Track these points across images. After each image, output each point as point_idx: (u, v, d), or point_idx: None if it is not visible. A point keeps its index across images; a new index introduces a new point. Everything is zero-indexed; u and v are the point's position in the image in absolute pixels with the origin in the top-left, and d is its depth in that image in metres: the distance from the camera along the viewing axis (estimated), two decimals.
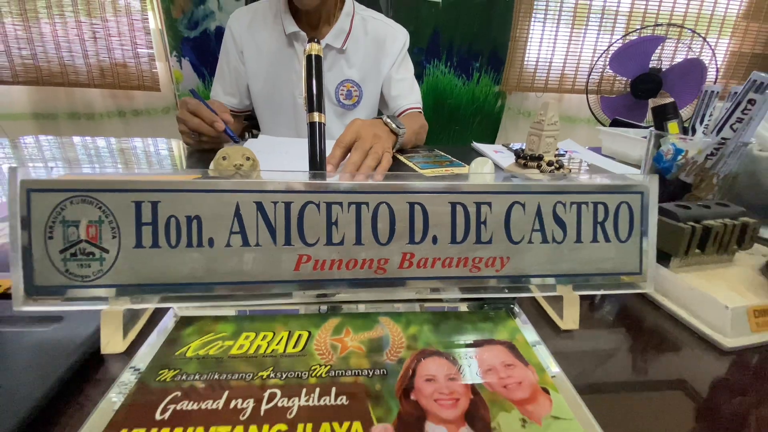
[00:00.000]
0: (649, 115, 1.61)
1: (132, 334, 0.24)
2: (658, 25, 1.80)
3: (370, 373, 0.21)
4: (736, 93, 0.34)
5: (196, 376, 0.20)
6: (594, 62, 1.81)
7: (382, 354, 0.22)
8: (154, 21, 1.87)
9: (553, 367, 0.22)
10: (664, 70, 1.64)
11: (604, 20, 1.94)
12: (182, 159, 0.69)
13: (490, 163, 0.46)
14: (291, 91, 0.92)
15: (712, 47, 1.70)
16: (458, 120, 2.16)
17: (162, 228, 0.22)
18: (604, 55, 1.70)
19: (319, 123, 0.37)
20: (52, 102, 2.04)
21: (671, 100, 0.54)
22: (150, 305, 0.23)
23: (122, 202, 0.21)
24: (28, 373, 0.20)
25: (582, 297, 0.26)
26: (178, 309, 0.25)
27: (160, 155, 0.72)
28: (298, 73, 0.89)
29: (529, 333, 0.24)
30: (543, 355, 0.23)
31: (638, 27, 1.86)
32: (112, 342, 0.22)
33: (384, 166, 0.55)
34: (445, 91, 2.09)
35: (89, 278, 0.22)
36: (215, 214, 0.22)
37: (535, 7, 1.90)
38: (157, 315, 0.25)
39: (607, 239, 0.25)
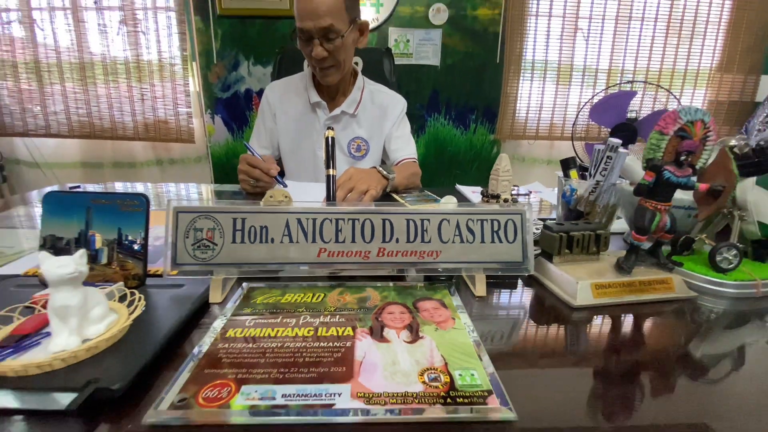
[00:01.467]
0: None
1: (225, 292, 0.41)
2: (630, 81, 2.03)
3: (358, 309, 0.38)
4: (612, 148, 0.52)
5: (263, 310, 0.37)
6: (576, 114, 2.03)
7: (366, 304, 0.39)
8: (194, 84, 2.18)
9: (461, 310, 0.38)
10: (639, 119, 1.84)
11: (585, 76, 2.19)
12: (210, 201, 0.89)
13: (454, 201, 0.64)
14: (312, 147, 1.14)
15: (678, 100, 1.91)
16: (458, 165, 2.37)
17: (246, 232, 0.40)
18: (585, 107, 1.92)
19: (333, 175, 0.57)
20: (100, 152, 2.33)
21: (572, 156, 0.72)
22: (236, 276, 0.41)
23: (226, 218, 0.40)
24: (170, 311, 0.37)
25: (497, 277, 0.43)
26: (246, 284, 0.43)
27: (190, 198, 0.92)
28: (318, 133, 1.11)
29: (454, 297, 0.41)
30: (458, 304, 0.39)
31: (615, 83, 2.09)
32: (215, 296, 0.40)
33: (366, 199, 0.75)
34: (445, 140, 2.32)
35: (206, 260, 0.40)
36: (274, 225, 0.40)
37: (522, 67, 2.16)
38: (240, 282, 0.43)
39: (500, 241, 0.42)
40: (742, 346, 0.37)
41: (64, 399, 0.24)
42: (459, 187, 1.01)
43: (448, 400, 0.26)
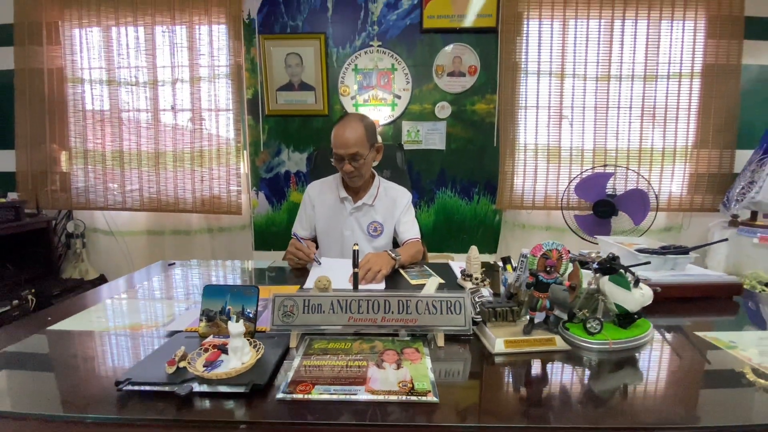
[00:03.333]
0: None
1: (297, 341, 0.74)
2: (604, 165, 2.36)
3: (370, 352, 0.70)
4: (524, 256, 0.84)
5: (319, 351, 0.70)
6: (564, 192, 2.36)
7: (374, 350, 0.71)
8: (244, 167, 2.66)
9: (427, 354, 0.69)
10: (617, 196, 2.15)
11: (573, 155, 2.53)
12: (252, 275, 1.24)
13: (437, 282, 0.96)
14: (341, 228, 1.50)
15: (648, 180, 2.22)
16: (465, 230, 2.70)
17: (309, 307, 0.74)
18: (571, 184, 2.25)
19: (357, 272, 0.91)
20: (163, 222, 2.80)
21: (508, 255, 1.04)
22: (304, 332, 0.74)
23: (300, 299, 0.74)
24: (273, 350, 0.69)
25: (451, 334, 0.74)
26: (308, 337, 0.75)
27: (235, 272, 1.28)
28: (346, 218, 1.49)
29: (425, 347, 0.72)
30: (425, 351, 0.70)
31: (593, 167, 2.43)
32: (293, 343, 0.73)
33: (378, 278, 1.08)
34: (453, 209, 2.68)
35: (288, 323, 0.73)
36: (324, 303, 0.74)
37: (516, 149, 2.54)
38: (305, 336, 0.76)
39: (452, 313, 0.74)
40: (598, 379, 0.66)
41: (241, 388, 0.57)
42: (451, 263, 1.33)
43: (410, 393, 0.57)
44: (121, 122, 2.67)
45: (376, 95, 2.55)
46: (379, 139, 1.44)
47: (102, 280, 2.79)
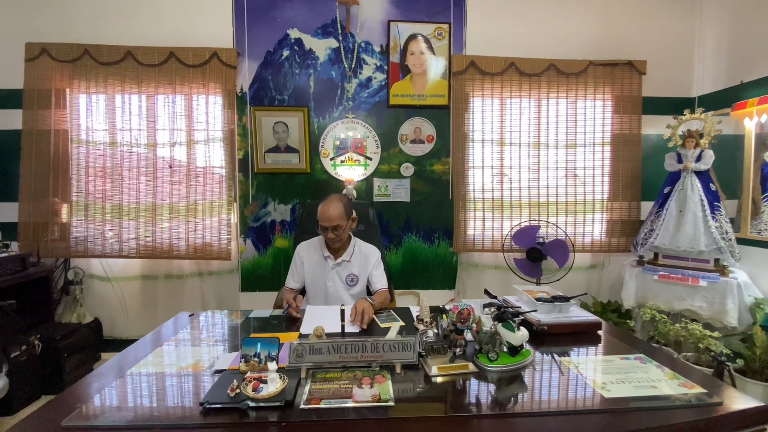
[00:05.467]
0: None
1: (306, 373, 1.14)
2: (532, 221, 2.91)
3: (353, 378, 1.10)
4: (446, 311, 1.28)
5: (321, 379, 1.10)
6: (504, 239, 2.87)
7: (357, 376, 1.12)
8: (234, 217, 3.02)
9: (390, 378, 1.11)
10: (545, 244, 2.68)
11: (513, 208, 3.07)
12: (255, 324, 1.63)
13: (398, 326, 1.38)
14: (324, 280, 1.91)
15: (565, 231, 2.77)
16: (428, 270, 3.16)
17: (313, 351, 1.14)
18: (509, 234, 2.77)
19: (344, 325, 1.33)
20: (156, 268, 3.08)
21: (444, 306, 1.48)
22: (311, 367, 1.13)
23: (307, 345, 1.14)
24: (292, 380, 1.08)
25: (405, 364, 1.16)
26: (312, 370, 1.15)
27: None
28: (328, 272, 1.90)
29: (389, 374, 1.14)
30: (389, 376, 1.12)
31: (530, 220, 2.98)
32: (303, 375, 1.13)
33: (365, 319, 1.49)
34: (417, 252, 3.13)
35: (300, 361, 1.13)
36: (323, 348, 1.14)
37: (467, 202, 3.06)
38: (309, 370, 1.15)
39: (405, 350, 1.16)
40: (498, 388, 1.10)
41: (278, 402, 0.96)
42: (412, 308, 1.76)
43: (378, 401, 0.99)
44: (121, 179, 2.99)
45: (351, 157, 3.02)
46: (354, 213, 1.88)
47: (97, 323, 3.01)
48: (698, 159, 2.72)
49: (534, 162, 3.08)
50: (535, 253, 2.65)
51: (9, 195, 2.95)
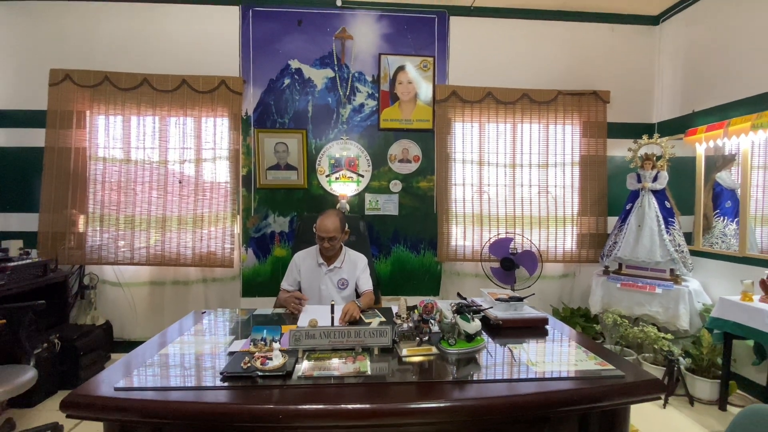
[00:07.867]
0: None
1: (302, 353, 1.42)
2: (507, 233, 3.22)
3: (340, 359, 1.39)
4: (416, 307, 1.57)
5: (314, 358, 1.38)
6: (482, 249, 3.18)
7: (343, 356, 1.40)
8: (237, 228, 3.31)
9: (368, 357, 1.40)
10: (517, 254, 2.98)
11: (491, 221, 3.39)
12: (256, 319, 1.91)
13: (378, 321, 1.67)
14: (318, 285, 2.20)
15: (532, 242, 3.08)
16: (414, 278, 3.45)
17: (308, 336, 1.42)
18: (486, 245, 3.07)
19: (334, 317, 1.62)
20: (164, 274, 3.35)
21: (414, 305, 1.78)
22: (307, 348, 1.42)
23: (303, 332, 1.43)
24: (291, 357, 1.36)
25: (382, 347, 1.45)
26: (308, 352, 1.44)
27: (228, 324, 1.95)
28: (322, 278, 2.19)
29: (369, 355, 1.42)
30: (367, 356, 1.41)
31: (507, 232, 3.29)
32: (300, 354, 1.41)
33: (354, 316, 1.79)
34: (405, 261, 3.43)
35: (298, 345, 1.41)
36: (316, 333, 1.43)
37: (450, 216, 3.37)
38: (305, 351, 1.44)
39: (381, 336, 1.45)
40: (457, 368, 1.39)
41: (281, 372, 1.25)
42: (393, 306, 2.05)
43: (358, 372, 1.27)
44: (134, 192, 3.28)
45: (345, 174, 3.33)
46: (347, 227, 2.18)
47: (108, 325, 3.26)
48: (654, 179, 3.07)
49: (510, 180, 3.41)
50: (508, 263, 2.95)
51: (31, 206, 3.23)
